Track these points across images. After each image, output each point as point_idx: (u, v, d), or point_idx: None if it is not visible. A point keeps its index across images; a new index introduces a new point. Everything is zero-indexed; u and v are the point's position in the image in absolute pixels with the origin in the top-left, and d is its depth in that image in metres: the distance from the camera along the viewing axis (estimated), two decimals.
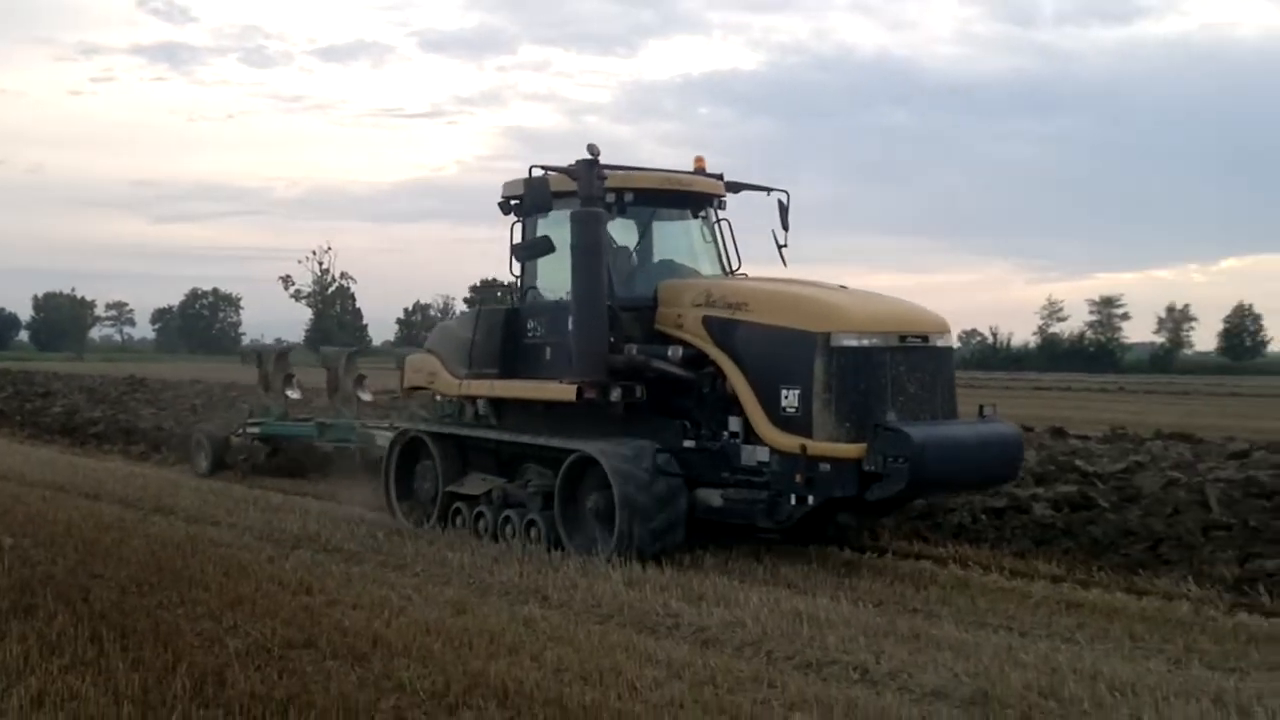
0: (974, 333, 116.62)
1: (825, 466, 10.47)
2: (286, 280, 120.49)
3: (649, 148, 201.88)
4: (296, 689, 6.97)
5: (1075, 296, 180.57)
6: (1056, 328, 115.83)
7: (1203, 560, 10.73)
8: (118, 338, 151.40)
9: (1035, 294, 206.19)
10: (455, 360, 13.38)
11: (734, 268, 13.28)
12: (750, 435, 11.17)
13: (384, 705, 6.75)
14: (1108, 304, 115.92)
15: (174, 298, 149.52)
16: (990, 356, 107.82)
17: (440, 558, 11.29)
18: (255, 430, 19.19)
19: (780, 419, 10.82)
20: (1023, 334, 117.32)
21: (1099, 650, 8.22)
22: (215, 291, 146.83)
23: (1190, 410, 37.03)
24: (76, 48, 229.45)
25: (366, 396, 19.09)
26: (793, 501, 10.74)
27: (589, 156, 11.79)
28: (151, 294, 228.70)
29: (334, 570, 10.75)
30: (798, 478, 10.61)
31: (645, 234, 12.98)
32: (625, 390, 11.59)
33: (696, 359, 11.61)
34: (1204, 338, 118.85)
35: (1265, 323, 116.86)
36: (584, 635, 8.45)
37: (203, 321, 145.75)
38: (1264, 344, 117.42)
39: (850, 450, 10.37)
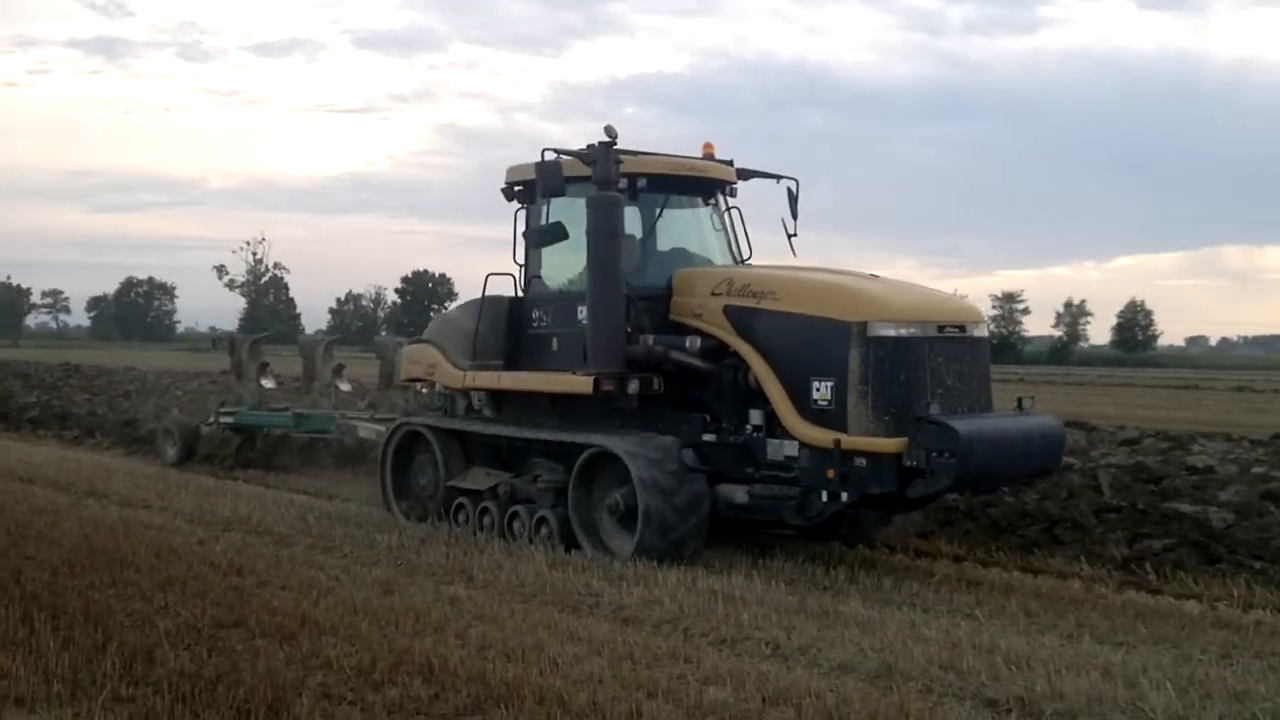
0: None
1: (861, 461, 9.66)
2: (221, 270, 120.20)
3: (579, 146, 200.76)
4: (225, 667, 6.87)
5: (979, 292, 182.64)
6: None
7: (1094, 541, 10.92)
8: (53, 325, 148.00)
9: (942, 289, 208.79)
10: (457, 351, 12.35)
11: (745, 257, 12.40)
12: (775, 429, 10.37)
13: (311, 682, 6.66)
14: (1009, 299, 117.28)
15: (109, 286, 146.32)
16: None
17: (369, 540, 11.19)
18: (228, 420, 17.75)
19: (811, 412, 10.01)
20: None
21: (996, 625, 8.34)
22: (150, 280, 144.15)
23: (1085, 400, 37.59)
24: (13, 40, 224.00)
25: (345, 386, 18.16)
26: (824, 498, 9.95)
27: (606, 139, 10.91)
28: (87, 282, 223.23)
29: (264, 552, 10.61)
30: (830, 473, 9.80)
31: (657, 221, 11.97)
32: (643, 382, 10.81)
33: (715, 350, 10.86)
34: (1099, 332, 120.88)
35: (1156, 318, 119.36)
36: (508, 614, 8.41)
37: (138, 310, 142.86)
38: (1154, 338, 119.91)
39: (889, 445, 9.57)
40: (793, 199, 12.31)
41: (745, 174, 12.50)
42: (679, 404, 11.08)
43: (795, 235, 12.32)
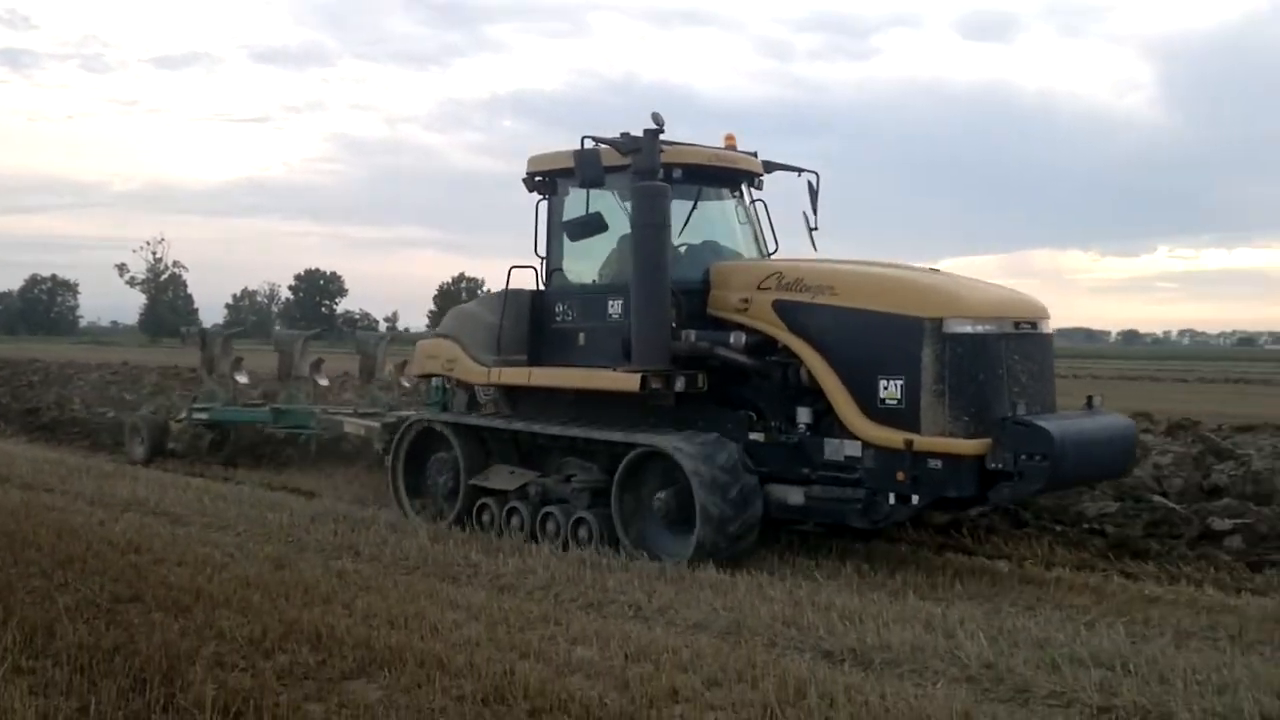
0: None
1: (935, 463, 8.54)
2: (122, 268, 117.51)
3: (460, 155, 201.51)
4: (123, 639, 6.64)
5: None
6: None
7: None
8: None
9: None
10: (479, 346, 10.96)
11: (772, 250, 11.10)
12: (834, 427, 9.22)
13: (205, 652, 6.47)
14: None
15: (14, 283, 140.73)
16: None
17: (261, 519, 10.89)
18: (202, 416, 15.84)
19: (877, 411, 8.85)
20: None
21: (833, 586, 8.47)
22: (54, 277, 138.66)
23: None
24: None
25: (323, 381, 16.52)
26: (892, 501, 8.84)
27: (654, 126, 9.63)
28: None
29: (161, 531, 10.26)
30: (900, 476, 8.67)
31: (690, 212, 10.63)
32: (688, 379, 9.62)
33: (760, 346, 9.65)
34: None
35: None
36: (392, 585, 8.29)
37: (41, 305, 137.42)
38: None
39: (969, 446, 8.45)
40: (813, 192, 11.01)
41: (768, 166, 11.26)
42: (719, 401, 9.92)
43: (817, 229, 10.98)
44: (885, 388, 8.85)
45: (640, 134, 9.69)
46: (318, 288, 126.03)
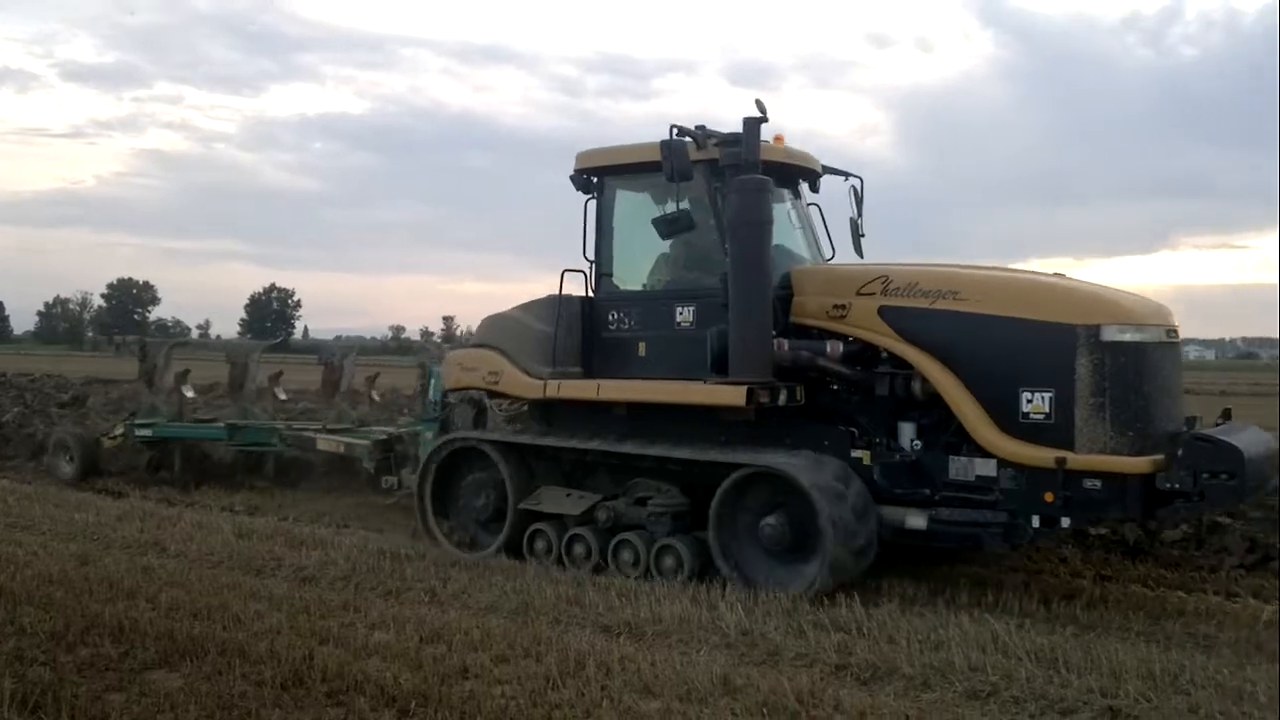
0: None
1: (1094, 483, 7.07)
2: None
3: (271, 173, 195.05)
4: None
5: None
6: None
7: None
8: None
9: None
10: (530, 357, 9.06)
11: (829, 255, 9.34)
12: (947, 443, 7.76)
13: (5, 648, 5.97)
14: None
15: None
16: None
17: (68, 519, 10.14)
18: (146, 433, 13.13)
19: (1018, 427, 7.32)
20: None
21: (611, 568, 8.43)
22: None
23: None
24: None
25: (283, 395, 14.21)
26: (1036, 523, 7.33)
27: (757, 114, 8.01)
28: None
29: None
30: (1049, 497, 7.17)
31: None
32: (789, 392, 8.00)
33: (859, 355, 8.16)
34: None
35: None
36: (197, 579, 7.84)
37: None
38: None
39: (1136, 465, 6.99)
40: (858, 197, 9.37)
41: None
42: (808, 415, 8.28)
43: (864, 235, 9.36)
44: (1029, 401, 7.33)
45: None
46: (130, 296, 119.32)
